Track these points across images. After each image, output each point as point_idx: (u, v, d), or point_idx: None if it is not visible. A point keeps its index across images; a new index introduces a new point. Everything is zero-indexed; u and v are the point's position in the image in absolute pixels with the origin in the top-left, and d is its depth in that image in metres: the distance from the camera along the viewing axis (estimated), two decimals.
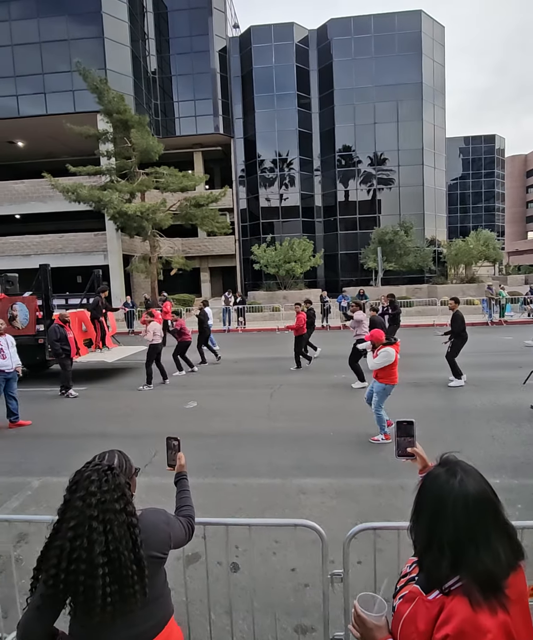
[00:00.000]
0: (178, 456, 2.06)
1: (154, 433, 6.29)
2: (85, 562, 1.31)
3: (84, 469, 1.46)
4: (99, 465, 1.46)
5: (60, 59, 23.17)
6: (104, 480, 1.41)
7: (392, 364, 5.59)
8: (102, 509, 1.36)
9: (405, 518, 3.95)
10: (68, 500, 1.41)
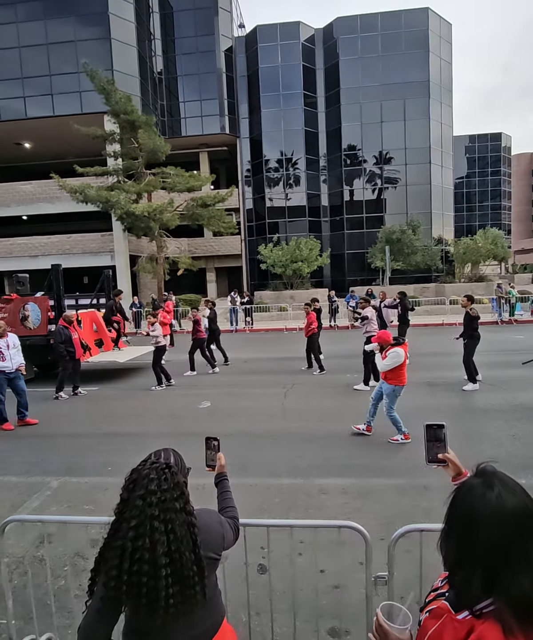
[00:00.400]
0: (218, 456, 2.01)
1: (169, 433, 6.27)
2: (148, 562, 1.28)
3: (141, 467, 1.43)
4: (157, 463, 1.42)
5: (67, 60, 23.23)
6: (163, 479, 1.38)
7: (401, 365, 5.53)
8: (162, 508, 1.33)
9: (431, 519, 3.91)
10: (126, 499, 1.38)
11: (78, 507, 4.37)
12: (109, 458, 5.47)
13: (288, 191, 28.26)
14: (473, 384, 7.91)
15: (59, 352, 8.26)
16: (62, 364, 8.39)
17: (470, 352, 8.01)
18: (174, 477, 1.41)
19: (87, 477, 5.00)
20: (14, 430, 6.68)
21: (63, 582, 3.36)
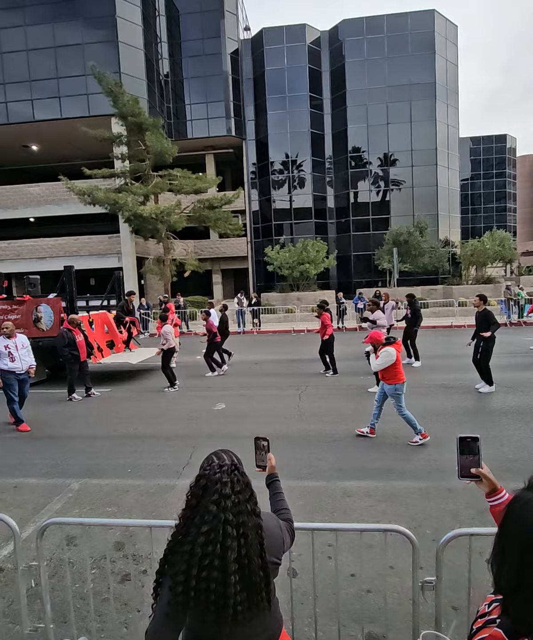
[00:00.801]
0: (268, 457, 1.97)
1: (186, 434, 6.24)
2: (218, 569, 1.25)
3: (209, 472, 1.39)
4: (225, 466, 1.39)
5: (74, 63, 23.36)
6: (235, 481, 1.35)
7: (394, 363, 5.52)
8: (236, 511, 1.30)
9: (460, 522, 3.86)
10: (195, 505, 1.34)
11: (100, 510, 4.35)
12: (128, 460, 5.46)
13: (294, 193, 28.27)
14: (489, 386, 7.85)
15: (63, 356, 8.19)
16: (68, 367, 8.36)
17: (489, 354, 7.87)
18: (244, 478, 1.39)
19: (107, 479, 4.98)
20: (30, 432, 6.67)
21: (91, 586, 3.32)
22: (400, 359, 5.63)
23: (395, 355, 5.48)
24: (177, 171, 21.43)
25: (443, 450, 5.35)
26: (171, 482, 4.81)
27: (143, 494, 4.61)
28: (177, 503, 4.64)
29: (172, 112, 28.03)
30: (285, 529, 1.62)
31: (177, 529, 1.36)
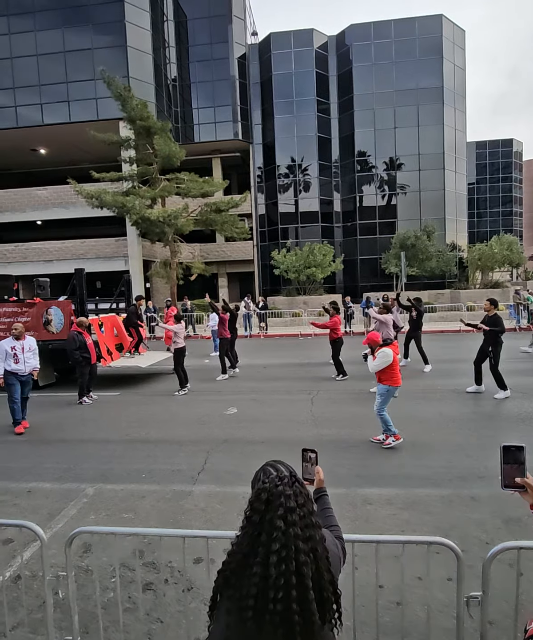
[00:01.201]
0: (316, 470, 1.89)
1: (199, 439, 6.16)
2: (297, 586, 1.16)
3: (269, 485, 1.31)
4: (285, 477, 1.32)
5: (83, 68, 23.54)
6: (298, 493, 1.28)
7: (392, 365, 5.50)
8: (303, 524, 1.23)
9: (486, 532, 3.75)
10: (258, 521, 1.26)
11: (117, 516, 4.27)
12: (141, 465, 5.39)
13: (301, 197, 28.27)
14: (504, 391, 7.75)
15: (74, 359, 8.14)
16: (79, 370, 8.30)
17: (498, 358, 7.80)
18: (304, 489, 1.32)
19: (122, 484, 4.91)
20: (41, 436, 6.61)
21: (111, 595, 3.24)
22: (398, 361, 5.61)
23: (391, 356, 5.46)
24: (184, 175, 21.48)
25: (462, 457, 5.26)
26: (187, 488, 4.73)
27: (159, 499, 4.53)
28: (195, 509, 4.59)
29: (179, 116, 28.16)
30: (339, 547, 1.55)
31: (237, 547, 1.28)
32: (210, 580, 3.30)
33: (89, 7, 23.52)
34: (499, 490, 4.50)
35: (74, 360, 8.16)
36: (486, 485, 4.57)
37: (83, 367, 8.27)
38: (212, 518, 4.16)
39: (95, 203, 19.60)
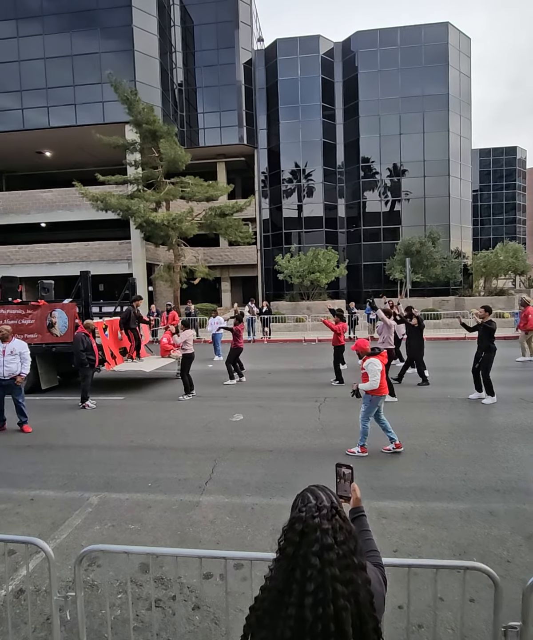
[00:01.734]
0: (353, 487, 1.75)
1: (205, 447, 6.02)
2: (335, 635, 1.05)
3: (305, 514, 1.19)
4: (324, 509, 1.19)
5: (90, 72, 23.61)
6: (337, 528, 1.15)
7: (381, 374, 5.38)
8: (342, 565, 1.11)
9: (507, 550, 3.58)
10: (292, 555, 1.14)
11: (123, 527, 4.13)
12: (147, 473, 5.25)
13: (305, 202, 28.25)
14: (491, 397, 7.72)
15: (80, 360, 8.05)
16: (83, 373, 8.19)
17: (489, 365, 7.79)
18: (347, 525, 1.19)
19: (128, 493, 4.76)
20: (45, 441, 6.47)
21: (119, 612, 3.10)
22: (385, 371, 5.51)
23: (380, 365, 5.37)
24: (189, 178, 21.48)
25: (478, 468, 5.11)
26: (194, 499, 4.59)
27: (166, 510, 4.39)
28: (203, 521, 4.44)
29: (185, 120, 28.22)
30: (381, 579, 1.41)
31: (270, 583, 1.16)
32: (220, 598, 3.15)
33: (97, 12, 23.65)
34: (518, 506, 4.34)
35: (80, 362, 8.06)
36: (504, 500, 4.43)
37: (87, 369, 8.18)
38: (221, 531, 4.01)
39: (100, 206, 19.57)
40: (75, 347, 8.08)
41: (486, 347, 7.73)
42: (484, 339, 7.82)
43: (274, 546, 4.11)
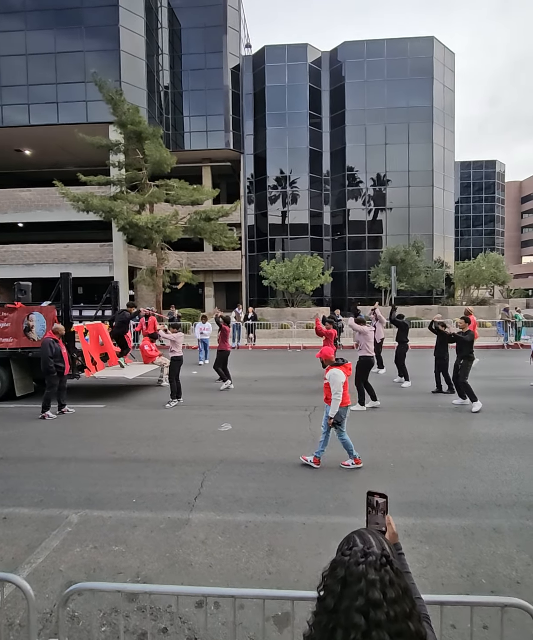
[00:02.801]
0: (387, 519, 1.51)
1: (193, 459, 5.72)
2: None
3: (349, 559, 0.98)
4: (372, 555, 0.97)
5: (74, 70, 23.16)
6: (387, 582, 0.94)
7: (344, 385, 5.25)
8: (395, 631, 0.89)
9: (516, 570, 3.39)
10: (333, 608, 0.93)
11: (106, 548, 3.80)
12: (131, 488, 4.91)
13: (291, 208, 28.22)
14: (474, 401, 7.75)
15: (47, 368, 7.55)
16: (49, 381, 7.67)
17: (467, 371, 7.85)
18: (400, 579, 0.98)
19: (110, 510, 4.43)
20: (19, 452, 6.06)
21: None
22: (347, 383, 5.35)
23: (343, 377, 5.23)
24: (174, 182, 21.18)
25: (476, 481, 4.97)
26: (183, 516, 4.29)
27: (153, 529, 4.08)
28: (194, 542, 4.14)
29: (170, 123, 27.94)
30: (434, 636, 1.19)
31: None
32: (216, 630, 2.85)
33: (82, 10, 23.26)
34: (522, 522, 4.18)
35: (47, 370, 7.59)
36: (506, 515, 4.29)
37: (54, 378, 7.70)
38: (214, 552, 3.73)
39: (82, 206, 19.07)
40: (43, 353, 7.61)
41: (465, 356, 7.85)
42: (463, 348, 7.91)
43: (271, 568, 3.82)
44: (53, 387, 7.71)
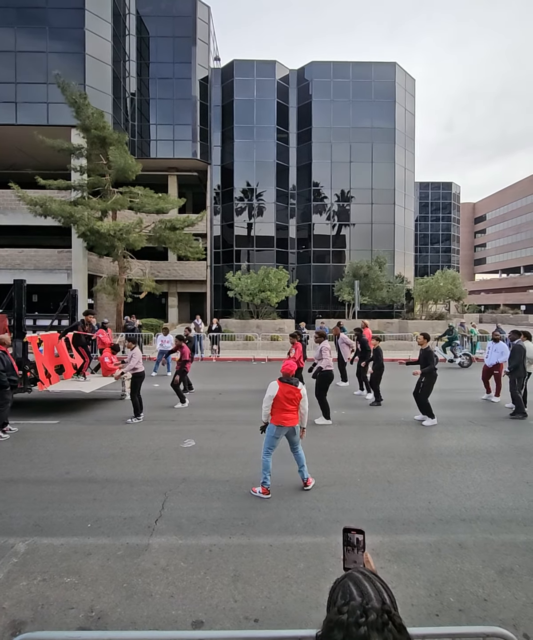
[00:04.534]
0: (365, 557, 1.39)
1: (153, 478, 5.45)
2: None
3: (346, 619, 0.86)
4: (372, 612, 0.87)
5: (36, 71, 22.47)
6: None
7: (276, 400, 5.01)
8: None
9: (482, 587, 3.37)
10: None
11: (56, 580, 3.50)
12: (86, 511, 4.59)
13: (257, 221, 28.37)
14: (431, 419, 7.92)
15: (1, 382, 6.93)
16: (4, 396, 7.03)
17: (429, 389, 7.98)
18: (403, 636, 0.89)
19: (62, 537, 4.10)
20: None
21: None
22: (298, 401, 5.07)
23: (274, 391, 4.98)
24: (139, 189, 20.81)
25: (440, 496, 4.99)
26: (143, 541, 4.03)
27: (109, 557, 3.80)
28: (154, 569, 3.88)
29: (136, 130, 27.58)
30: None
31: None
32: None
33: (47, 10, 22.69)
34: (485, 536, 4.20)
35: (2, 384, 6.95)
36: (471, 530, 4.31)
37: (8, 393, 7.09)
38: (175, 580, 3.51)
39: (39, 211, 18.32)
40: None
41: (427, 373, 7.85)
42: (422, 365, 7.97)
43: (237, 596, 3.61)
44: (6, 403, 7.11)
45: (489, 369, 10.02)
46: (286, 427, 5.06)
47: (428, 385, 7.93)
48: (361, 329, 11.31)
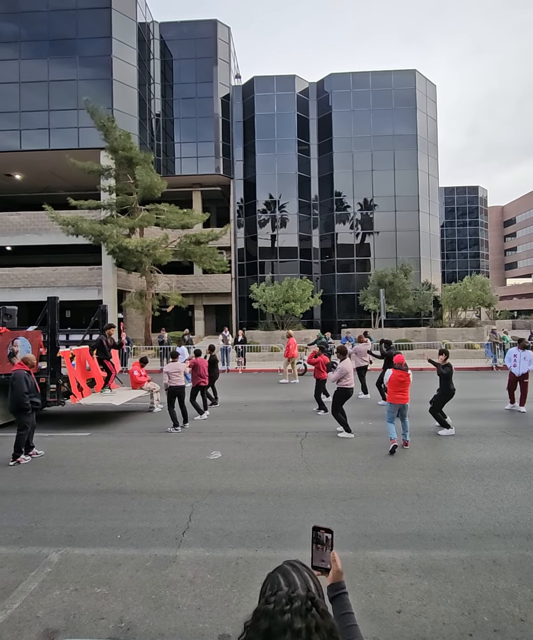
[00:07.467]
0: (332, 556, 1.41)
1: (181, 489, 5.51)
2: None
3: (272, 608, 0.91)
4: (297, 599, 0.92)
5: (67, 98, 23.66)
6: (313, 628, 0.88)
7: (391, 383, 5.50)
8: None
9: (519, 606, 3.25)
10: None
11: (87, 590, 3.58)
12: (116, 522, 4.69)
13: (280, 232, 28.60)
14: (447, 429, 7.79)
15: (22, 405, 6.59)
16: (22, 420, 6.67)
17: (440, 405, 7.90)
18: (326, 622, 0.92)
19: (93, 547, 4.20)
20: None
21: None
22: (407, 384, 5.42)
23: (389, 375, 5.47)
24: (164, 206, 21.42)
25: (473, 510, 4.84)
26: (171, 552, 4.08)
27: (138, 568, 3.86)
28: (181, 581, 3.92)
29: (161, 149, 28.50)
30: None
31: None
32: None
33: (77, 41, 23.98)
34: (522, 552, 4.04)
35: (22, 407, 6.61)
36: (505, 546, 4.15)
37: (28, 416, 6.72)
38: (202, 593, 3.53)
39: (71, 230, 19.10)
40: (17, 389, 6.58)
41: (444, 387, 7.86)
42: (441, 381, 7.91)
43: None
44: (26, 427, 6.71)
45: (517, 378, 9.68)
46: (397, 404, 6.91)
47: (440, 399, 7.93)
48: (390, 342, 11.18)
